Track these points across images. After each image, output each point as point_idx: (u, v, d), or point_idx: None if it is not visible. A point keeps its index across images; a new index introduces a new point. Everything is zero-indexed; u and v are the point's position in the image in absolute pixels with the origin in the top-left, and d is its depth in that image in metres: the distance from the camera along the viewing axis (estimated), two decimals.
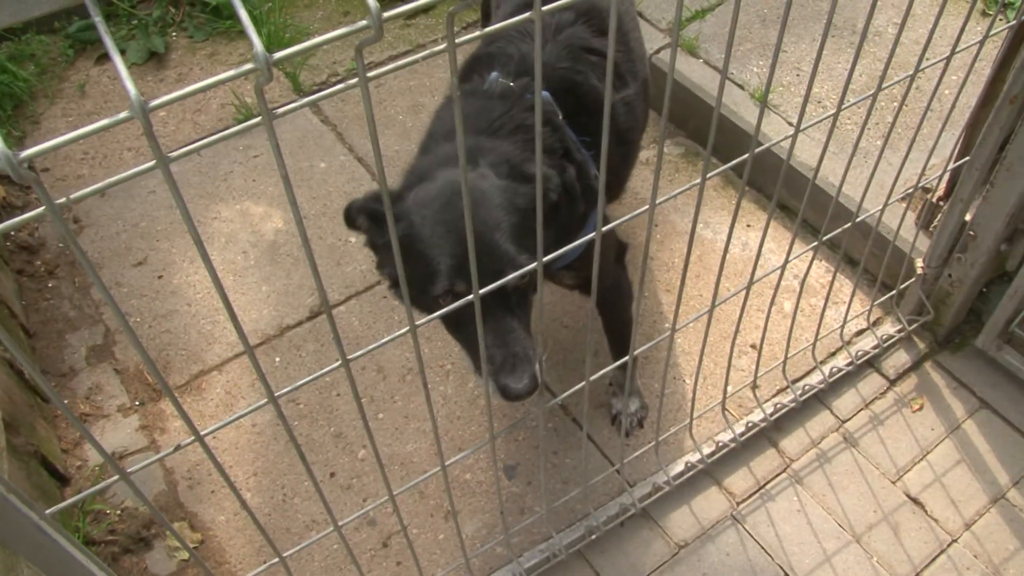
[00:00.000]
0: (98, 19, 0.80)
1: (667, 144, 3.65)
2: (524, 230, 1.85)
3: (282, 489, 2.71)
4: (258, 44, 0.83)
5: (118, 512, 2.66)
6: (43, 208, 0.91)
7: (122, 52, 4.11)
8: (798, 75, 3.57)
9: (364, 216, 1.95)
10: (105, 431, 2.86)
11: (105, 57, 4.11)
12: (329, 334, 2.98)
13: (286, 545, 2.58)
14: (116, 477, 1.28)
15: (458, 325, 1.95)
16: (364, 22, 0.89)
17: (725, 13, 3.82)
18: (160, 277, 3.27)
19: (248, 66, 0.85)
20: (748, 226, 3.35)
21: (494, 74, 2.17)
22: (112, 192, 3.51)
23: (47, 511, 1.28)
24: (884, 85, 1.93)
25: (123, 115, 0.83)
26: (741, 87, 3.52)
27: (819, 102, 3.49)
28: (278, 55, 0.85)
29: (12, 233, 3.43)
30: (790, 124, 3.37)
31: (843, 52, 3.66)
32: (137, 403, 2.93)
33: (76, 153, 3.71)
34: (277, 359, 3.00)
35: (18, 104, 3.88)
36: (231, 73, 0.87)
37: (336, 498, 2.68)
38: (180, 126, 3.81)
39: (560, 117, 2.13)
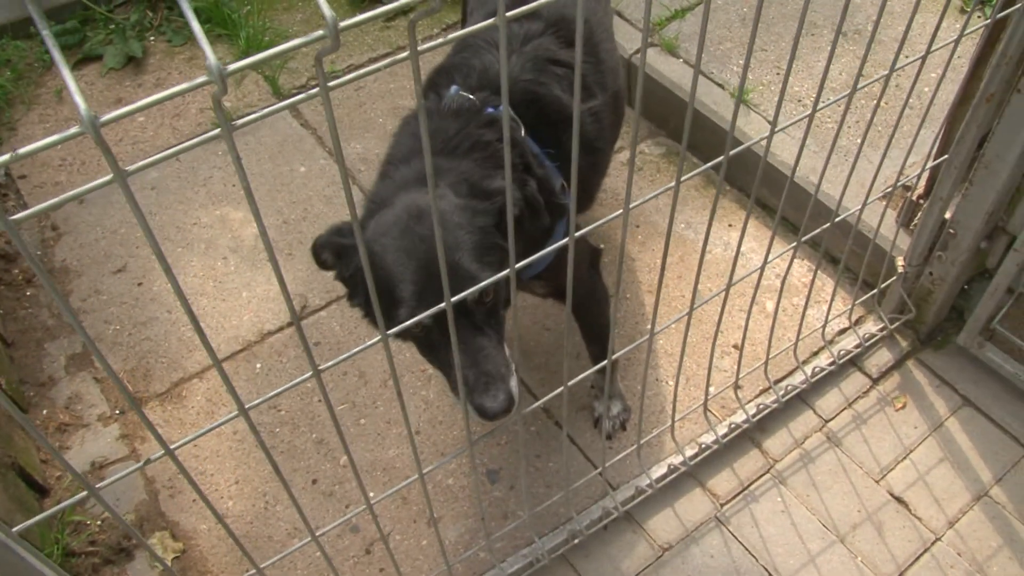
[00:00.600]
0: (45, 32, 0.79)
1: (648, 144, 3.64)
2: (485, 248, 1.84)
3: (264, 496, 2.69)
4: (211, 56, 0.81)
5: (98, 523, 2.64)
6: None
7: (99, 57, 4.08)
8: (778, 74, 3.57)
9: (328, 251, 1.94)
10: (85, 440, 2.83)
11: (82, 62, 4.08)
12: (310, 339, 2.96)
13: (268, 553, 2.56)
14: (86, 493, 1.27)
15: (430, 349, 1.92)
16: (320, 32, 0.87)
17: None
18: (140, 284, 3.24)
19: (202, 79, 0.84)
20: (730, 226, 3.34)
21: (454, 88, 2.15)
22: (90, 199, 3.48)
23: (15, 528, 1.26)
24: (861, 84, 1.93)
25: (73, 131, 0.82)
26: (721, 86, 3.51)
27: (799, 100, 3.49)
28: (232, 67, 0.84)
29: None
30: (770, 123, 3.36)
31: (824, 51, 3.66)
32: (117, 412, 2.90)
33: (54, 160, 3.67)
34: (258, 365, 2.98)
35: None
36: (185, 86, 0.85)
37: (318, 505, 2.66)
38: (159, 131, 3.78)
39: (522, 130, 2.11)
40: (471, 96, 2.11)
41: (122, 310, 3.18)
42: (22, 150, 0.83)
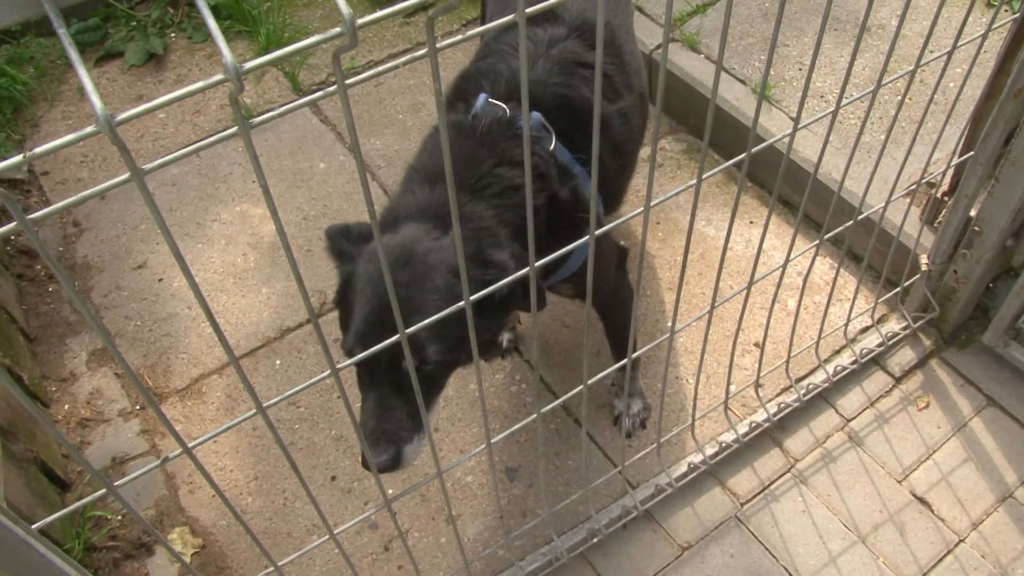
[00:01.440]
0: (62, 31, 0.78)
1: (669, 140, 3.62)
2: (451, 322, 1.67)
3: (283, 493, 2.70)
4: (227, 54, 0.80)
5: (119, 518, 2.65)
6: (14, 224, 0.89)
7: (120, 54, 4.10)
8: (800, 70, 3.54)
9: (332, 246, 1.97)
10: (106, 436, 2.85)
11: (104, 59, 4.10)
12: (329, 336, 2.96)
13: (287, 550, 2.57)
14: (103, 490, 1.27)
15: (360, 383, 1.90)
16: (338, 29, 0.87)
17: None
18: (160, 280, 3.26)
19: (218, 77, 0.83)
20: (751, 223, 3.31)
21: (483, 96, 2.09)
22: (112, 195, 3.50)
23: (34, 526, 1.26)
24: (886, 80, 1.90)
25: (89, 130, 0.81)
26: (743, 82, 3.48)
27: (822, 96, 3.45)
28: (248, 65, 0.83)
29: (12, 237, 3.43)
30: (792, 119, 3.33)
31: (846, 46, 3.63)
32: (138, 407, 2.92)
33: (76, 156, 3.70)
34: (278, 362, 2.98)
35: (17, 107, 3.88)
36: (201, 84, 0.85)
37: (337, 501, 2.66)
38: (179, 128, 3.79)
39: (552, 141, 2.05)
40: (502, 105, 2.06)
41: (142, 306, 3.19)
42: (38, 150, 0.83)
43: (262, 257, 3.29)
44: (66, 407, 2.93)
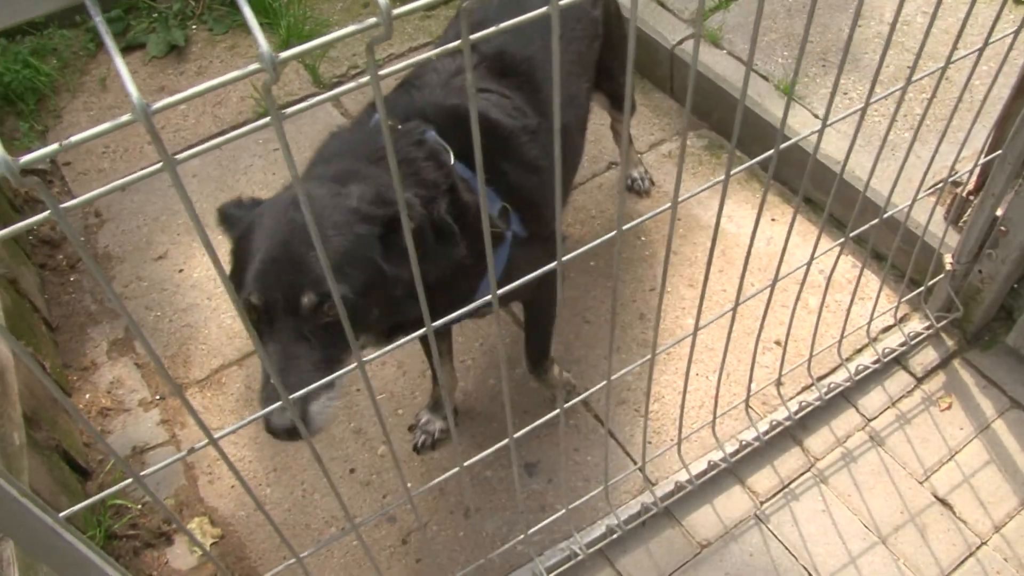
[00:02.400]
0: (99, 19, 0.78)
1: (690, 136, 3.60)
2: (351, 256, 1.69)
3: (302, 484, 2.70)
4: (263, 44, 0.80)
5: (139, 507, 2.66)
6: (48, 212, 0.89)
7: (142, 45, 4.11)
8: (824, 66, 3.51)
9: (222, 218, 1.87)
10: (126, 425, 2.86)
11: (126, 51, 4.11)
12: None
13: (305, 541, 2.57)
14: (129, 480, 1.27)
15: (260, 338, 1.74)
16: (374, 19, 0.86)
17: (749, 3, 3.76)
18: (181, 271, 3.27)
19: (254, 66, 0.83)
20: (773, 220, 3.30)
21: (376, 116, 2.07)
22: (133, 187, 3.50)
23: (61, 514, 1.26)
24: (914, 77, 1.88)
25: (125, 118, 0.81)
26: (765, 78, 3.46)
27: (845, 93, 3.43)
28: (284, 55, 0.83)
29: (34, 228, 3.45)
30: (816, 116, 3.31)
31: (870, 42, 3.59)
32: (158, 397, 2.93)
33: (97, 147, 3.71)
34: None
35: (40, 98, 3.89)
36: (236, 74, 0.84)
37: (356, 494, 2.66)
38: (201, 119, 3.80)
39: (451, 157, 2.00)
40: (398, 126, 2.03)
41: (163, 296, 3.20)
42: (73, 138, 0.83)
43: None
44: (87, 396, 2.94)
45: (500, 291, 1.36)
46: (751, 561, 2.50)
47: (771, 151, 1.70)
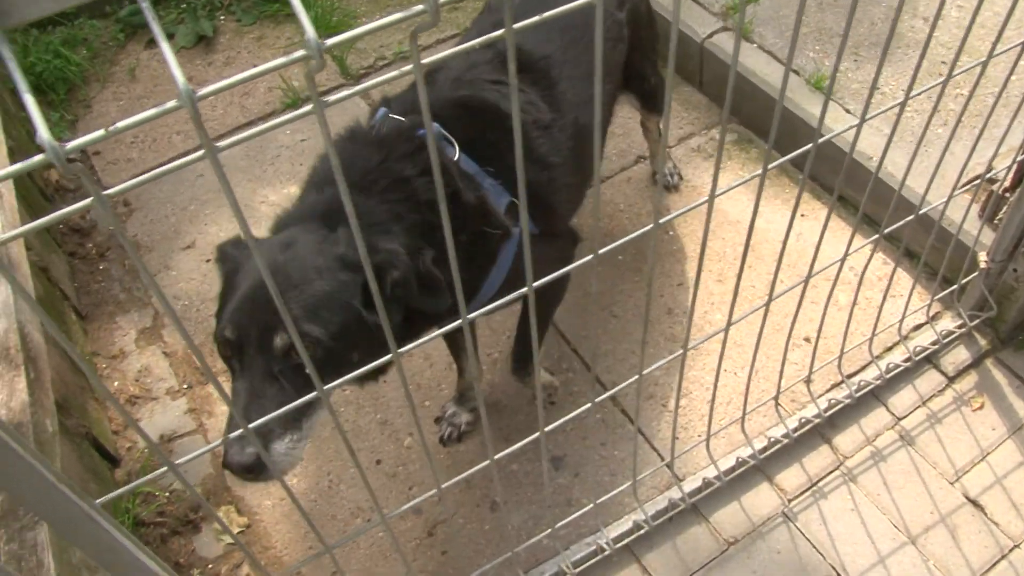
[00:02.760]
0: (145, 4, 0.78)
1: (719, 130, 3.57)
2: (330, 303, 1.70)
3: (328, 476, 2.71)
4: (310, 30, 0.80)
5: (167, 494, 2.68)
6: (91, 199, 0.89)
7: (170, 36, 4.13)
8: (856, 60, 3.47)
9: (219, 256, 1.90)
10: (154, 414, 2.88)
11: (154, 41, 4.12)
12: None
13: (331, 532, 2.58)
14: (165, 468, 1.28)
15: (232, 375, 1.80)
16: (420, 7, 0.85)
17: None
18: (208, 261, 3.28)
19: (300, 53, 0.82)
20: (802, 216, 3.26)
21: (382, 110, 2.06)
22: (162, 176, 3.52)
23: (97, 501, 1.27)
24: (955, 71, 1.86)
25: (171, 104, 0.81)
26: (796, 72, 3.43)
27: (878, 89, 3.39)
28: (331, 41, 0.82)
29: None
30: (847, 111, 3.28)
31: (903, 36, 3.55)
32: (185, 386, 2.94)
33: (127, 137, 3.73)
34: None
35: (71, 88, 3.92)
36: (283, 60, 0.84)
37: (382, 486, 2.67)
38: (228, 110, 3.81)
39: (455, 152, 1.99)
40: (401, 118, 2.00)
41: (191, 286, 3.22)
42: (120, 124, 0.83)
43: None
44: (115, 384, 2.96)
45: (525, 289, 1.37)
46: (778, 559, 2.48)
47: (807, 147, 1.68)
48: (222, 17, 4.25)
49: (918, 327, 2.91)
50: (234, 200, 0.96)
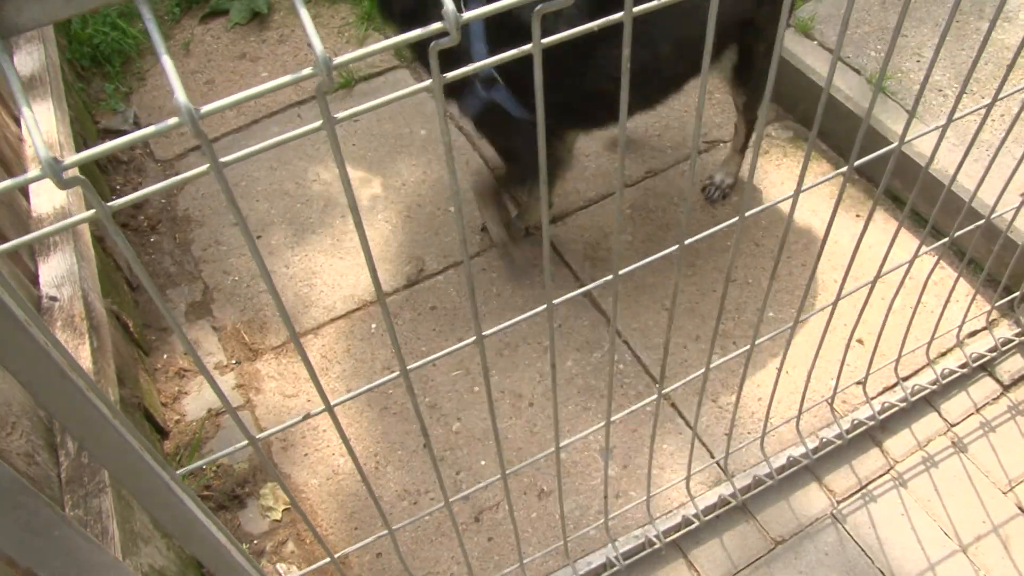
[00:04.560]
0: (147, 15, 0.77)
1: (775, 127, 3.54)
2: None
3: (375, 456, 2.71)
4: (319, 48, 0.79)
5: (214, 468, 2.69)
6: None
7: (225, 12, 4.13)
8: (918, 61, 3.42)
9: None
10: (203, 387, 2.89)
11: (209, 16, 4.14)
12: (426, 304, 2.97)
13: (377, 513, 2.58)
14: (244, 443, 1.28)
15: None
16: (440, 24, 0.84)
17: None
18: (259, 237, 3.29)
19: (307, 71, 0.82)
20: (857, 216, 3.23)
21: None
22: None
23: (178, 472, 1.28)
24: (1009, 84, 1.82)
25: (172, 121, 0.81)
26: (857, 72, 3.38)
27: (939, 90, 3.34)
28: (338, 60, 0.82)
29: (118, 187, 3.49)
30: (907, 111, 3.23)
31: (967, 38, 3.49)
32: (234, 362, 2.96)
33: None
34: (373, 325, 2.99)
35: (126, 60, 3.94)
36: (290, 78, 0.83)
37: (429, 469, 2.67)
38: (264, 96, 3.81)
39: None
40: None
41: (240, 262, 3.23)
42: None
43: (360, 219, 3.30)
44: (164, 356, 2.98)
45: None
46: (826, 560, 2.46)
47: (874, 155, 1.65)
48: None
49: (973, 333, 2.87)
50: (242, 218, 0.95)
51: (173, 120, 0.81)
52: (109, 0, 0.82)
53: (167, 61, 0.79)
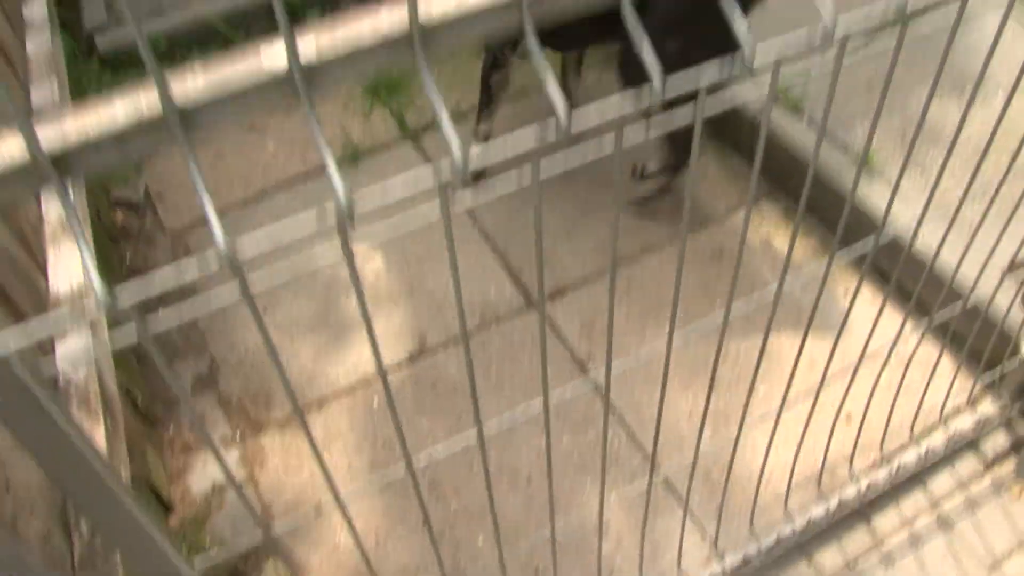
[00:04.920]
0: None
1: (765, 202, 3.65)
2: None
3: (375, 532, 2.78)
4: (340, 192, 0.82)
5: (216, 547, 2.76)
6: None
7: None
8: (904, 140, 3.54)
9: None
10: (207, 462, 2.97)
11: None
12: (427, 380, 3.05)
13: None
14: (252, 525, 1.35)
15: None
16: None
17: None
18: (265, 310, 3.38)
19: (331, 209, 0.85)
20: (845, 290, 3.32)
21: None
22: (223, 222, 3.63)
23: (196, 568, 1.35)
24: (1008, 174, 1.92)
25: (214, 266, 0.86)
26: (844, 150, 3.50)
27: (920, 165, 3.44)
28: (360, 210, 0.84)
29: (127, 259, 3.60)
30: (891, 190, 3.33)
31: (951, 115, 3.60)
32: (238, 437, 3.03)
33: (187, 182, 3.84)
34: (376, 401, 3.08)
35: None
36: (314, 220, 0.89)
37: (427, 548, 2.73)
38: (289, 160, 3.93)
39: None
40: None
41: (247, 335, 3.32)
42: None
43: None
44: (171, 430, 3.06)
45: None
46: None
47: (866, 238, 1.75)
48: None
49: (959, 410, 2.95)
50: (260, 317, 1.04)
51: (214, 264, 0.85)
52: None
53: (207, 200, 0.83)
